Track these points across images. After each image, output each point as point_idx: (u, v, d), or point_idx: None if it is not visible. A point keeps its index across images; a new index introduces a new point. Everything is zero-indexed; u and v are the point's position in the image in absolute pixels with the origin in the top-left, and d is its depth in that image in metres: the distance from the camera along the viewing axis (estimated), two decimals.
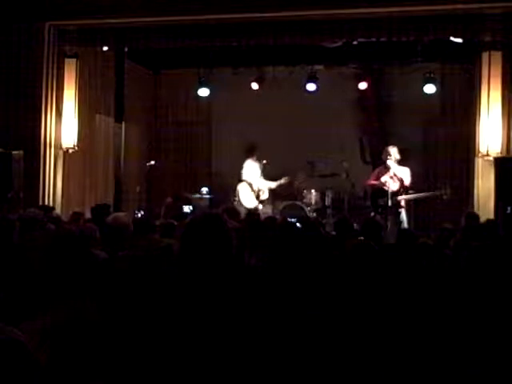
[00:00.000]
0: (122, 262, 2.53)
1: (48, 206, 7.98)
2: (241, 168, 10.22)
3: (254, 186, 10.01)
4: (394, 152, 8.84)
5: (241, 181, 10.08)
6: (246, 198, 9.93)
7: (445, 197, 8.66)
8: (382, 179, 8.74)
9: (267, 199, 10.17)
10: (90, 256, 2.65)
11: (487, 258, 2.67)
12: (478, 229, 4.71)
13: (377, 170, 9.08)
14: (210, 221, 2.27)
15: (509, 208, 7.45)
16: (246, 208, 9.53)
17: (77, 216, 7.26)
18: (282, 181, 10.05)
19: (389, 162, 8.75)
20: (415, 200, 8.93)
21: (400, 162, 8.87)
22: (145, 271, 2.40)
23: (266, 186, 10.04)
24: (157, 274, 2.48)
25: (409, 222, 8.73)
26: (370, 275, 3.25)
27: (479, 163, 8.54)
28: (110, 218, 4.54)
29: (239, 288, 2.21)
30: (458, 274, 3.09)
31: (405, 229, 6.00)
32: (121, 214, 5.22)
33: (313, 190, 10.07)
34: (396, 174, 8.70)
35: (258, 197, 9.95)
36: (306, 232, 3.49)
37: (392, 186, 8.64)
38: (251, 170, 10.09)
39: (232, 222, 5.29)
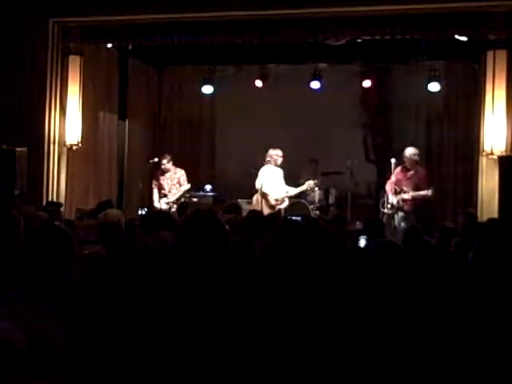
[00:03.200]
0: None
1: (56, 203, 8.02)
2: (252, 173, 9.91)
3: (269, 198, 9.11)
4: (409, 153, 8.70)
5: (256, 191, 9.24)
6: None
7: (430, 197, 8.56)
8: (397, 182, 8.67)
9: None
10: None
11: (494, 257, 2.66)
12: (481, 228, 4.70)
13: (394, 176, 8.87)
14: (203, 218, 2.27)
15: None
16: None
17: (81, 212, 7.26)
18: (305, 187, 9.31)
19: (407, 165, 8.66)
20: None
21: (417, 163, 8.72)
22: (140, 268, 2.41)
23: (284, 194, 9.23)
24: (154, 270, 2.49)
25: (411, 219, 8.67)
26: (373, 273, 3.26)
27: (483, 162, 8.51)
28: (101, 214, 4.55)
29: (237, 286, 2.22)
30: (463, 274, 3.08)
31: (411, 227, 5.96)
32: (113, 210, 5.20)
33: (316, 188, 10.06)
34: (411, 177, 8.61)
35: (273, 207, 9.02)
36: (308, 229, 3.49)
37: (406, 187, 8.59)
38: (268, 177, 9.18)
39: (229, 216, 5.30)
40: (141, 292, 2.49)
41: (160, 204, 9.59)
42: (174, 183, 9.66)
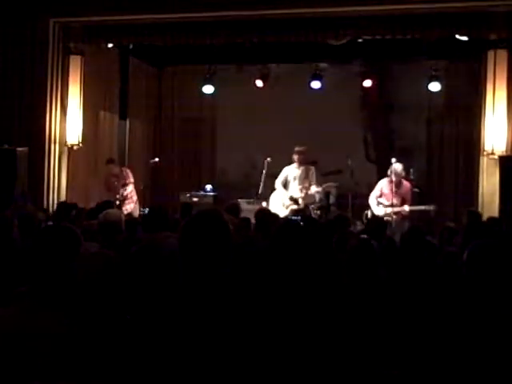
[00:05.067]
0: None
1: (70, 204, 8.03)
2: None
3: (284, 199, 8.94)
4: (396, 169, 8.67)
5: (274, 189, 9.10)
6: (276, 209, 8.58)
7: (432, 213, 8.52)
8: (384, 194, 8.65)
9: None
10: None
11: (488, 256, 2.66)
12: (480, 227, 4.69)
13: (380, 185, 8.86)
14: (206, 218, 2.27)
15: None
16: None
17: (80, 212, 7.26)
18: (325, 186, 9.06)
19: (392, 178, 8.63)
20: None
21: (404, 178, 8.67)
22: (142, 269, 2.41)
23: (301, 195, 8.95)
24: (155, 271, 2.49)
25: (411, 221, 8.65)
26: (371, 273, 3.25)
27: (484, 162, 8.51)
28: (102, 214, 4.55)
29: (239, 285, 2.22)
30: (460, 273, 3.08)
31: (412, 227, 5.92)
32: (113, 210, 5.21)
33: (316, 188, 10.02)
34: (397, 191, 8.58)
35: (287, 207, 8.80)
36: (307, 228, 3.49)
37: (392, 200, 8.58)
38: (287, 175, 9.10)
39: (230, 216, 5.31)
40: (145, 292, 2.50)
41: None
42: (125, 182, 9.55)
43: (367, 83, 10.86)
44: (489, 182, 8.38)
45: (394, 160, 8.59)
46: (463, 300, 2.66)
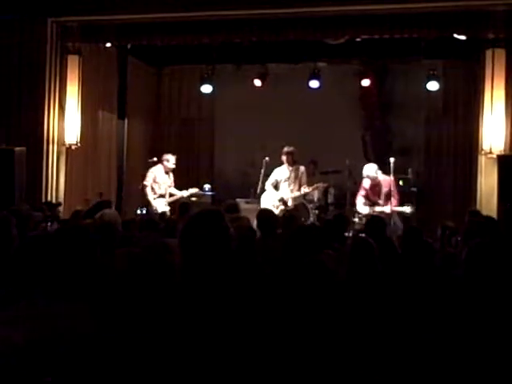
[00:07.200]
0: (119, 259, 2.55)
1: (54, 203, 8.03)
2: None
3: (274, 200, 8.95)
4: (370, 173, 8.60)
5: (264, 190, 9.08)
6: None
7: (409, 215, 8.50)
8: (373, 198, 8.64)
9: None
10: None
11: (486, 256, 2.66)
12: (477, 226, 4.68)
13: (367, 187, 8.84)
14: (208, 217, 2.27)
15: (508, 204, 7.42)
16: None
17: (78, 214, 7.25)
18: (314, 187, 9.01)
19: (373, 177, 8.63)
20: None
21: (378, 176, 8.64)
22: (142, 269, 2.41)
23: (291, 195, 8.96)
24: (154, 271, 2.49)
25: (410, 220, 8.65)
26: (369, 275, 3.26)
27: (482, 161, 8.52)
28: (98, 214, 4.52)
29: (240, 286, 2.22)
30: (458, 273, 3.08)
31: (410, 227, 5.90)
32: (110, 210, 5.18)
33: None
34: (379, 191, 8.57)
35: (277, 208, 8.74)
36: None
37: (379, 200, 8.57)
38: (277, 177, 9.08)
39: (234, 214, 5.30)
40: (145, 291, 2.50)
41: (156, 205, 9.32)
42: (169, 184, 9.41)
43: (365, 82, 10.87)
44: (487, 182, 8.38)
45: (392, 159, 8.60)
46: (461, 300, 2.67)
